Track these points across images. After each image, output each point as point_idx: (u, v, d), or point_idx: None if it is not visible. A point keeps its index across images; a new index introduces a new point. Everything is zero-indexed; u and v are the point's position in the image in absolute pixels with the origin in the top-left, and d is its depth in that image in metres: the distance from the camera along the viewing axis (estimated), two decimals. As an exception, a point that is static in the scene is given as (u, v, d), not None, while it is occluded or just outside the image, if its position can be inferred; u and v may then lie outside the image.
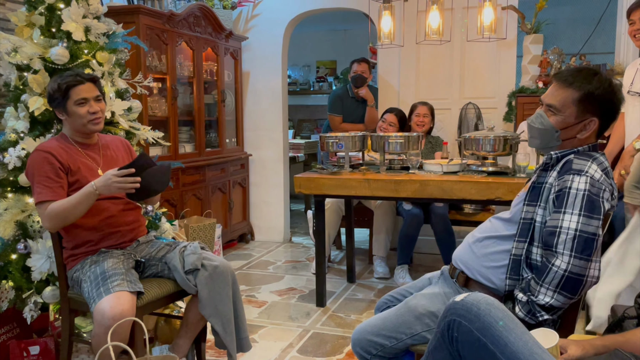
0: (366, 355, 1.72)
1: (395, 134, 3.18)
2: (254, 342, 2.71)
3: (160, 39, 3.63)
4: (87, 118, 2.07)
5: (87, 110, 2.07)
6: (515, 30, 3.96)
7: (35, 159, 2.02)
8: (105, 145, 2.23)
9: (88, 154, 2.15)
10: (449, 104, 4.15)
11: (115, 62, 2.55)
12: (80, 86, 2.06)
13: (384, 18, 3.41)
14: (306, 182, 3.06)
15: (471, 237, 1.76)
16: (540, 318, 1.50)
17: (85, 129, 2.10)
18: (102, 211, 2.09)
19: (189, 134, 4.12)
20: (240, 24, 4.72)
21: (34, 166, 2.02)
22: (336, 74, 7.26)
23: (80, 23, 2.39)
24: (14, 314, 2.31)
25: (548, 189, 1.58)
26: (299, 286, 3.61)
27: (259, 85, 4.71)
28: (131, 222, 2.19)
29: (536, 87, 3.85)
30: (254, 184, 4.83)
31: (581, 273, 1.45)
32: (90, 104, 2.07)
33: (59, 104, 2.07)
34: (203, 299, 2.07)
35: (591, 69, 1.59)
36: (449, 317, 1.28)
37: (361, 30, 6.29)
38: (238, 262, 4.16)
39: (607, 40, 4.86)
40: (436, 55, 4.12)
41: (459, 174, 2.94)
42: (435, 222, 3.59)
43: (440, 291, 1.73)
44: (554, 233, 1.49)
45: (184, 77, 4.03)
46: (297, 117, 7.41)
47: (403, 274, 3.62)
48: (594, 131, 1.59)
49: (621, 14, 3.73)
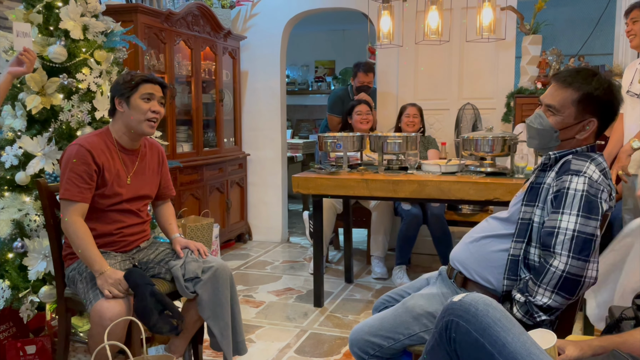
0: (364, 356, 1.72)
1: (394, 134, 3.18)
2: (252, 342, 2.71)
3: (158, 37, 3.62)
4: (147, 115, 2.01)
5: (150, 108, 2.01)
6: (514, 30, 3.96)
7: (73, 153, 1.97)
8: (143, 154, 2.16)
9: (124, 160, 2.08)
10: (447, 104, 4.14)
11: (113, 60, 2.54)
12: (151, 84, 2.02)
13: (383, 18, 3.41)
14: (304, 182, 3.06)
15: (468, 237, 1.76)
16: (538, 319, 1.49)
17: (138, 128, 2.03)
18: (115, 222, 2.06)
19: (186, 134, 4.12)
20: (239, 23, 4.71)
21: (70, 159, 1.96)
22: (335, 74, 7.26)
23: (78, 21, 2.38)
24: (10, 313, 2.30)
25: (546, 189, 1.58)
26: (297, 286, 3.60)
27: (258, 84, 4.70)
28: (138, 232, 2.17)
29: (535, 87, 3.85)
30: (252, 184, 4.82)
31: (579, 274, 1.45)
32: (154, 102, 2.03)
33: (123, 94, 2.00)
34: (203, 301, 2.07)
35: (590, 70, 1.59)
36: (447, 318, 1.27)
37: (360, 30, 6.29)
38: (236, 262, 4.15)
39: (605, 41, 4.87)
40: (435, 56, 4.12)
41: (457, 174, 2.94)
42: (432, 223, 3.59)
43: (438, 292, 1.73)
44: (552, 233, 1.49)
45: (182, 76, 4.02)
46: (295, 117, 7.40)
47: (401, 274, 3.61)
48: (592, 132, 1.59)
49: (620, 15, 3.73)
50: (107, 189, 2.02)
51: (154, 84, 2.04)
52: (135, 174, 2.11)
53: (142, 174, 2.15)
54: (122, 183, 2.06)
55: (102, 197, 2.02)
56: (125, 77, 2.03)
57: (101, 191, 2.01)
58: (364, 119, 3.85)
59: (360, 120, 3.86)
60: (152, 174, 2.20)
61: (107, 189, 2.02)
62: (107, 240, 2.07)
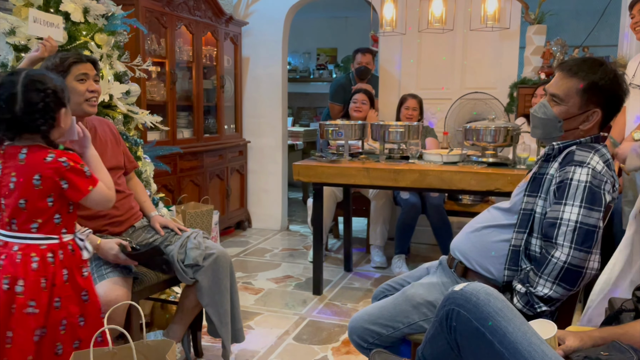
0: (363, 344, 1.72)
1: (395, 123, 3.17)
2: (250, 328, 2.71)
3: (159, 22, 3.59)
4: (85, 96, 1.98)
5: (87, 88, 1.99)
6: (518, 20, 3.92)
7: None
8: (92, 129, 2.13)
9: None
10: (449, 93, 4.12)
11: (114, 44, 2.52)
12: (82, 64, 1.99)
13: (386, 5, 3.38)
14: (305, 169, 3.05)
15: (469, 227, 1.75)
16: (539, 309, 1.49)
17: (78, 110, 2.00)
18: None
19: (187, 120, 4.10)
20: (241, 8, 4.67)
21: None
22: (337, 61, 7.21)
23: (78, 4, 2.35)
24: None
25: (549, 180, 1.57)
26: (296, 274, 3.61)
27: (259, 71, 4.67)
28: (126, 210, 2.15)
29: (538, 78, 3.82)
30: (252, 171, 4.81)
31: (581, 265, 1.45)
32: (90, 82, 2.00)
33: None
34: (202, 288, 2.06)
35: (596, 59, 1.57)
36: (447, 307, 1.27)
37: (362, 17, 6.24)
38: (235, 249, 4.15)
39: (610, 32, 4.83)
40: (438, 44, 4.09)
41: (458, 164, 2.93)
42: (431, 213, 3.59)
43: (438, 281, 1.73)
44: (554, 224, 1.48)
45: (183, 61, 4.00)
46: (296, 105, 7.37)
47: (400, 263, 3.62)
48: (597, 122, 1.57)
49: (625, 7, 3.69)
50: None
51: (85, 63, 2.00)
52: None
53: (102, 148, 2.10)
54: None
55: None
56: (53, 60, 1.97)
57: None
58: (358, 108, 3.84)
59: (354, 108, 3.86)
60: (113, 145, 2.18)
61: None
62: (98, 224, 2.05)
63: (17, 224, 1.54)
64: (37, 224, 1.55)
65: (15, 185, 1.53)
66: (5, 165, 1.55)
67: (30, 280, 1.51)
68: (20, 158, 1.53)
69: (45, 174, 1.52)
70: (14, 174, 1.53)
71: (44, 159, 1.53)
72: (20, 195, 1.53)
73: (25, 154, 1.53)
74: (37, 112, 1.51)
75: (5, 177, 1.54)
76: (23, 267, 1.52)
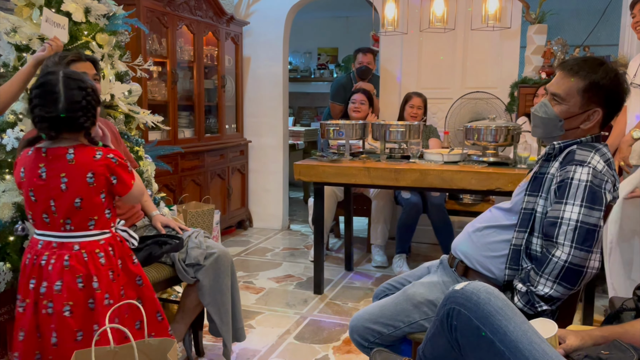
0: (364, 343, 1.73)
1: (396, 122, 3.17)
2: (251, 328, 2.72)
3: (160, 22, 3.59)
4: None
5: None
6: (519, 19, 3.92)
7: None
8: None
9: None
10: (450, 93, 4.12)
11: (115, 44, 2.52)
12: (81, 63, 2.01)
13: (388, 5, 3.38)
14: (306, 169, 3.05)
15: (471, 226, 1.75)
16: (539, 308, 1.49)
17: None
18: None
19: (188, 119, 4.10)
20: (242, 8, 4.67)
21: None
22: (337, 61, 7.21)
23: (80, 4, 2.36)
24: (12, 295, 2.31)
25: (550, 179, 1.57)
26: (297, 273, 3.61)
27: (260, 71, 4.68)
28: (127, 209, 2.16)
29: (539, 77, 3.82)
30: (253, 171, 4.81)
31: (581, 264, 1.45)
32: None
33: None
34: (203, 287, 2.07)
35: (597, 59, 1.57)
36: (448, 306, 1.27)
37: (363, 17, 6.24)
38: (236, 249, 4.16)
39: (611, 31, 4.82)
40: (439, 44, 4.09)
41: (459, 163, 2.93)
42: (432, 213, 3.59)
43: (439, 280, 1.73)
44: (555, 224, 1.48)
45: (184, 61, 4.00)
46: (297, 105, 7.37)
47: (400, 263, 3.62)
48: (597, 122, 1.57)
49: (626, 6, 3.69)
50: None
51: (84, 62, 2.02)
52: None
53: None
54: None
55: None
56: (53, 59, 2.00)
57: None
58: (357, 108, 3.83)
59: (353, 108, 3.86)
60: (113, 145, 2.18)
61: None
62: None
63: (72, 224, 1.58)
64: (94, 221, 1.60)
65: (67, 185, 1.56)
66: (50, 167, 1.56)
67: (103, 275, 1.59)
68: (69, 159, 1.56)
69: (98, 171, 1.57)
70: (63, 174, 1.56)
71: (93, 156, 1.57)
72: (74, 194, 1.56)
73: (73, 154, 1.56)
74: (80, 109, 1.54)
75: (54, 180, 1.56)
76: (93, 264, 1.58)
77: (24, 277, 1.61)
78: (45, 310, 1.57)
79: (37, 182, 1.57)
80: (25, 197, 1.61)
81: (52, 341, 1.56)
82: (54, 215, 1.58)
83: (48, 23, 2.15)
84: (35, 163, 1.58)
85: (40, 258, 1.59)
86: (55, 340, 1.57)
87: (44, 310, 1.57)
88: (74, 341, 1.57)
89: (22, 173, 1.60)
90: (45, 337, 1.58)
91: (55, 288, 1.56)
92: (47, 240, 1.60)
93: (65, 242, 1.59)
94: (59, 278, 1.56)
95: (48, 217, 1.58)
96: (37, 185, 1.57)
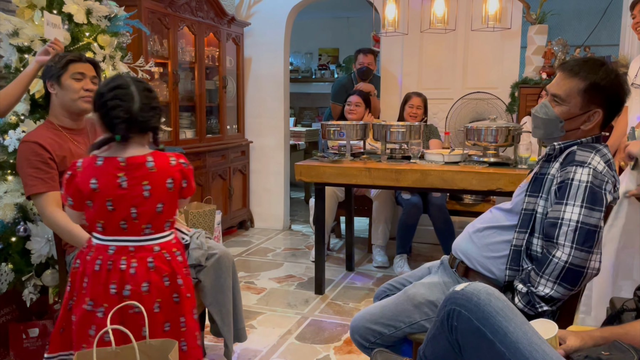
0: (364, 343, 1.73)
1: (397, 123, 3.17)
2: (253, 328, 2.72)
3: (162, 23, 3.60)
4: (80, 94, 2.01)
5: (82, 86, 2.01)
6: (519, 20, 3.92)
7: (23, 151, 1.97)
8: (92, 130, 2.17)
9: (76, 140, 2.09)
10: (451, 93, 4.12)
11: (116, 45, 2.53)
12: (81, 63, 2.03)
13: (388, 5, 3.38)
14: (307, 169, 3.06)
15: (471, 227, 1.75)
16: (540, 309, 1.49)
17: (74, 106, 2.03)
18: None
19: (189, 120, 4.11)
20: (243, 9, 4.68)
21: (22, 158, 1.97)
22: (338, 61, 7.22)
23: (81, 5, 2.36)
24: (13, 296, 2.32)
25: (550, 180, 1.57)
26: (298, 274, 3.62)
27: (261, 71, 4.68)
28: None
29: (540, 78, 3.82)
30: (254, 171, 4.82)
31: (582, 265, 1.45)
32: (87, 81, 2.03)
33: (53, 76, 2.00)
34: (205, 288, 2.07)
35: (598, 60, 1.57)
36: (449, 306, 1.27)
37: (364, 17, 6.25)
38: (237, 249, 4.16)
39: (612, 32, 4.82)
40: (439, 44, 4.09)
41: (460, 164, 2.93)
42: (433, 213, 3.59)
43: (440, 280, 1.73)
44: (556, 224, 1.48)
45: (186, 62, 4.01)
46: (298, 105, 7.38)
47: (401, 263, 3.62)
48: (598, 122, 1.57)
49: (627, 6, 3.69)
50: None
51: (84, 63, 2.03)
52: None
53: None
54: None
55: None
56: (54, 58, 2.02)
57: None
58: (352, 111, 3.82)
59: (348, 111, 3.84)
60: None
61: None
62: None
63: (152, 227, 1.61)
64: (169, 223, 1.66)
65: (150, 192, 1.58)
66: (131, 176, 1.57)
67: (183, 273, 1.65)
68: (149, 166, 1.58)
69: (175, 176, 1.61)
70: (146, 182, 1.57)
71: (169, 163, 1.61)
72: (156, 200, 1.59)
73: (153, 162, 1.59)
74: (151, 110, 1.57)
75: (137, 188, 1.57)
76: (175, 263, 1.64)
77: (99, 283, 1.58)
78: (132, 310, 1.57)
79: (117, 192, 1.56)
80: (97, 207, 1.57)
81: (142, 335, 1.58)
82: (134, 221, 1.58)
83: (49, 26, 2.17)
84: (112, 172, 1.56)
85: (117, 263, 1.58)
86: (145, 334, 1.58)
87: (130, 310, 1.57)
88: (163, 332, 1.62)
89: (95, 184, 1.56)
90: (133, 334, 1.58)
91: (143, 289, 1.58)
92: (122, 245, 1.59)
93: (144, 245, 1.60)
94: (145, 280, 1.58)
95: (126, 224, 1.58)
96: (116, 194, 1.56)
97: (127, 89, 1.55)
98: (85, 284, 1.60)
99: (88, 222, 1.63)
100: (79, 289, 1.62)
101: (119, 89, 1.55)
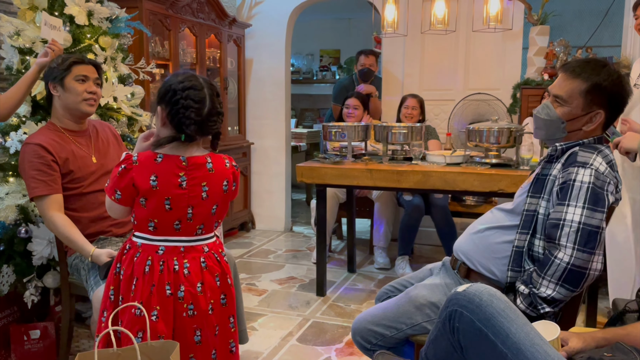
0: (366, 345, 1.73)
1: (398, 124, 3.17)
2: (254, 330, 2.72)
3: (163, 24, 3.61)
4: (83, 96, 2.01)
5: (85, 89, 2.01)
6: (521, 21, 3.92)
7: (25, 153, 1.97)
8: (94, 132, 2.17)
9: (79, 142, 2.09)
10: (452, 94, 4.12)
11: (118, 47, 2.54)
12: (84, 65, 2.03)
13: (387, 6, 3.38)
14: (308, 171, 3.05)
15: (472, 228, 1.75)
16: (542, 310, 1.49)
17: (77, 108, 2.03)
18: (99, 204, 2.05)
19: (191, 121, 4.10)
20: (244, 10, 4.68)
21: (24, 160, 1.97)
22: (340, 63, 7.22)
23: (83, 7, 2.37)
24: (15, 298, 2.32)
25: (552, 181, 1.57)
26: (300, 275, 3.61)
27: (262, 73, 4.68)
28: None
29: (541, 79, 3.82)
30: (255, 173, 4.82)
31: (584, 266, 1.45)
32: (90, 83, 2.03)
33: (56, 77, 2.00)
34: None
35: (600, 61, 1.57)
36: (450, 308, 1.27)
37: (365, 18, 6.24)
38: (239, 251, 4.16)
39: (614, 33, 4.82)
40: (441, 46, 4.09)
41: (462, 165, 2.93)
42: (435, 214, 3.58)
43: (442, 282, 1.73)
44: (557, 225, 1.48)
45: (187, 63, 4.01)
46: (299, 107, 7.38)
47: (403, 264, 3.62)
48: (600, 123, 1.57)
49: (629, 7, 3.68)
50: (76, 173, 2.02)
51: (87, 65, 2.03)
52: (97, 151, 2.12)
53: (104, 150, 2.15)
54: (88, 163, 2.07)
55: (75, 181, 2.02)
56: (56, 60, 2.02)
57: (70, 177, 2.01)
58: (350, 114, 3.81)
59: (347, 113, 3.83)
60: (114, 147, 2.21)
61: (76, 173, 2.02)
62: (100, 226, 2.07)
63: (204, 228, 1.61)
64: (218, 223, 1.67)
65: (208, 194, 1.57)
66: (191, 176, 1.56)
67: (230, 272, 1.67)
68: (209, 167, 1.58)
69: (230, 178, 1.62)
70: (204, 183, 1.57)
71: (224, 164, 1.62)
72: (213, 202, 1.59)
73: (212, 163, 1.59)
74: (217, 114, 1.56)
75: (196, 188, 1.56)
76: (224, 263, 1.65)
77: (148, 285, 1.54)
78: (185, 313, 1.56)
79: (176, 191, 1.54)
80: (153, 205, 1.53)
81: (195, 340, 1.57)
82: (189, 222, 1.57)
83: (47, 26, 2.17)
84: (173, 171, 1.54)
85: (169, 263, 1.55)
86: (198, 339, 1.58)
87: (184, 313, 1.56)
88: (214, 336, 1.61)
89: (155, 181, 1.52)
90: (187, 337, 1.57)
91: (198, 290, 1.57)
92: (173, 246, 1.57)
93: (195, 246, 1.60)
94: (198, 280, 1.57)
95: (180, 224, 1.57)
96: (175, 194, 1.54)
97: (201, 90, 1.53)
98: (134, 286, 1.56)
99: (137, 220, 1.57)
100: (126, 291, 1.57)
101: (193, 90, 1.52)
